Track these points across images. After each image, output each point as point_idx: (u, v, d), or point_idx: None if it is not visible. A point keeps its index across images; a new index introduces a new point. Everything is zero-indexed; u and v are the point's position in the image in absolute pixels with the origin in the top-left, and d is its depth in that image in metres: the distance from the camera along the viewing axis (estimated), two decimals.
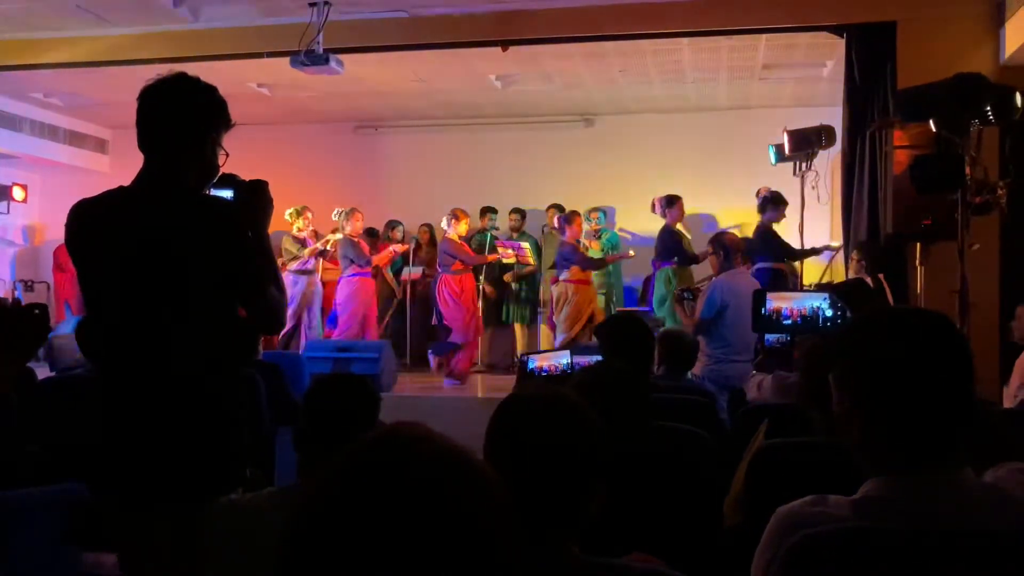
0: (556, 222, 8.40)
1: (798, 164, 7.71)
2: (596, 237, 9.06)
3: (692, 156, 9.76)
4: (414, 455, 0.82)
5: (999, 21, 5.96)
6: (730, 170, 9.47)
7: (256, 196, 2.26)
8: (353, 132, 10.84)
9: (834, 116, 6.88)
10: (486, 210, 9.58)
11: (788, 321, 4.25)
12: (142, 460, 2.07)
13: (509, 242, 8.90)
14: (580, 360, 4.10)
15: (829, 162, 7.95)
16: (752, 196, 8.28)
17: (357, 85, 8.74)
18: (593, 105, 9.95)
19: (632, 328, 3.49)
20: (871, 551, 1.31)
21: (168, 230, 2.07)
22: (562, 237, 8.08)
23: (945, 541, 1.30)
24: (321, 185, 10.13)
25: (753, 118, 9.52)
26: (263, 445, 3.96)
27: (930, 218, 5.12)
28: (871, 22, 6.19)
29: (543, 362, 4.45)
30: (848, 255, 6.33)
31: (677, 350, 4.34)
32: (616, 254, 8.72)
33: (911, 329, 1.42)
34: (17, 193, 10.73)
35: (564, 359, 4.38)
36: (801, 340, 4.19)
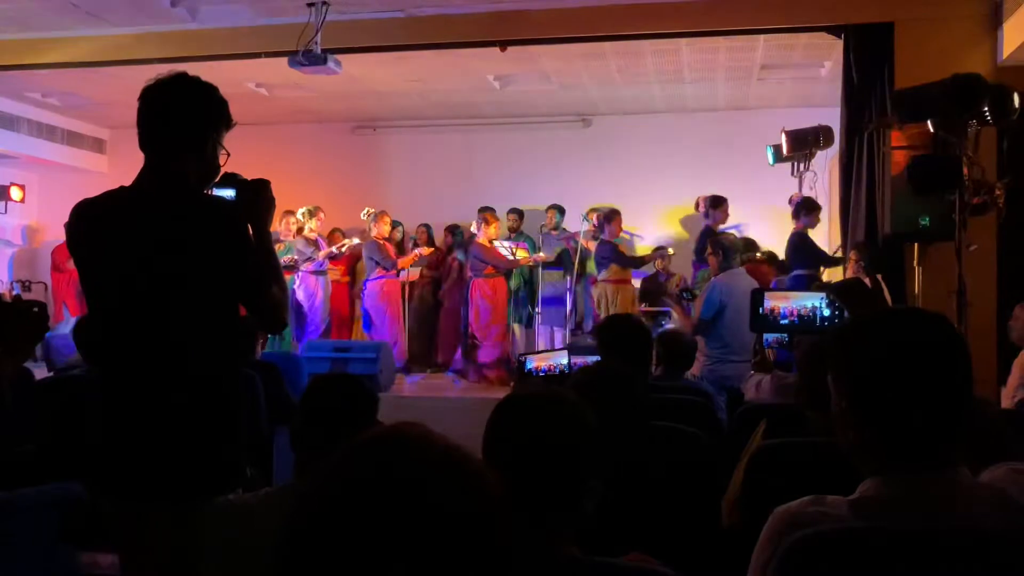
0: (595, 220, 8.26)
1: (796, 164, 7.73)
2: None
3: (690, 156, 9.76)
4: (412, 454, 0.82)
5: (997, 22, 5.96)
6: (728, 171, 9.46)
7: (258, 195, 2.25)
8: (351, 132, 10.83)
9: (832, 116, 6.89)
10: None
11: (786, 321, 4.25)
12: (141, 459, 2.07)
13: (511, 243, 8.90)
14: (578, 360, 4.10)
15: (827, 162, 7.96)
16: (751, 196, 8.29)
17: (355, 85, 8.73)
18: (591, 105, 9.95)
19: (630, 328, 3.49)
20: (868, 551, 1.31)
21: (170, 230, 2.07)
22: (602, 235, 7.95)
23: (942, 541, 1.30)
24: (319, 185, 10.13)
25: (751, 118, 9.53)
26: (261, 445, 3.96)
27: (928, 218, 5.13)
28: (869, 23, 6.19)
29: (541, 362, 4.45)
30: (846, 255, 6.34)
31: (675, 350, 4.35)
32: (658, 252, 8.51)
33: (909, 329, 1.42)
34: (15, 193, 10.73)
35: (562, 359, 4.39)
36: (799, 340, 4.19)
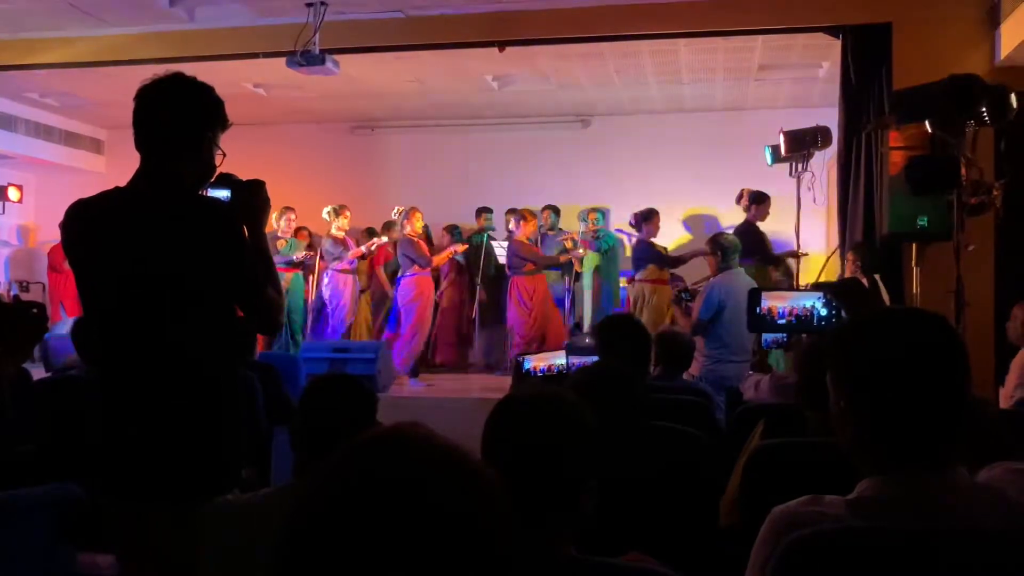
0: (632, 219, 8.16)
1: (794, 165, 7.71)
2: (594, 237, 9.07)
3: (688, 157, 9.77)
4: (411, 455, 0.82)
5: (994, 22, 5.97)
6: (726, 171, 9.47)
7: (253, 196, 2.25)
8: (349, 132, 10.83)
9: (830, 117, 6.89)
10: (482, 210, 9.58)
11: (783, 320, 4.26)
12: (139, 460, 2.07)
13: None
14: (576, 360, 4.10)
15: (825, 163, 7.94)
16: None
17: (353, 85, 8.73)
18: (589, 106, 9.95)
19: (629, 328, 3.49)
20: (866, 551, 1.31)
21: (165, 230, 2.06)
22: (638, 235, 7.86)
23: (940, 541, 1.31)
24: (317, 186, 10.12)
25: (749, 119, 9.54)
26: (259, 445, 3.95)
27: (926, 219, 5.13)
28: (867, 23, 6.20)
29: (539, 362, 4.45)
30: (844, 256, 6.35)
31: (674, 350, 4.34)
32: (692, 251, 8.23)
33: (908, 329, 1.42)
34: (12, 194, 10.72)
35: (560, 359, 4.39)
36: (797, 340, 4.19)
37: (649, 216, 7.70)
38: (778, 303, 4.31)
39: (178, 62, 6.35)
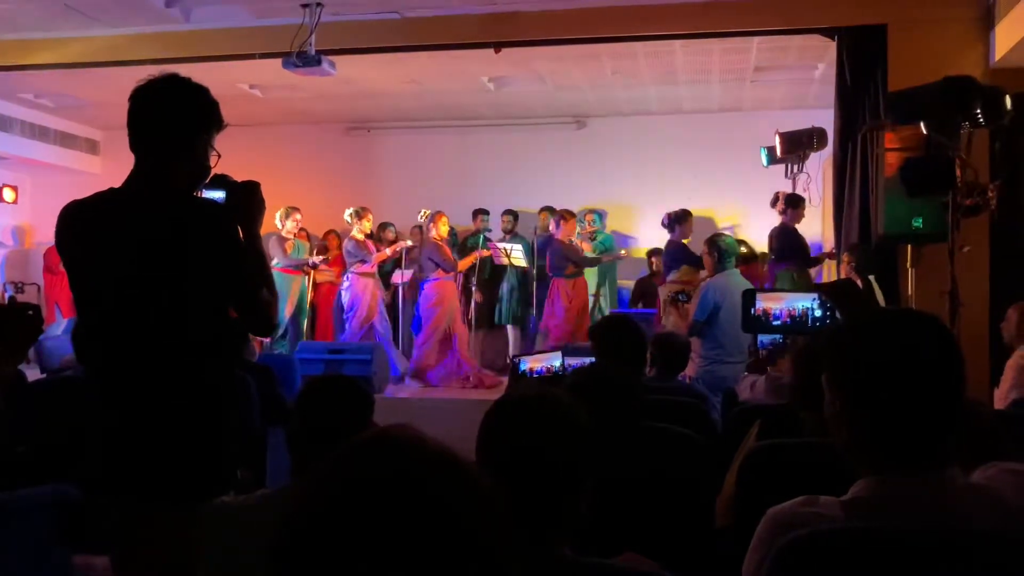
0: (665, 220, 8.08)
1: (790, 166, 7.74)
2: (591, 239, 9.07)
3: (684, 158, 9.78)
4: (405, 457, 0.82)
5: (989, 24, 5.98)
6: (723, 172, 9.49)
7: (248, 197, 2.24)
8: (345, 133, 10.83)
9: (826, 118, 6.91)
10: (478, 212, 9.58)
11: (778, 321, 4.27)
12: (134, 462, 2.06)
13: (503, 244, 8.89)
14: (572, 362, 4.11)
15: (821, 164, 7.97)
16: (747, 197, 8.28)
17: (349, 86, 8.73)
18: (586, 107, 9.96)
19: (625, 330, 3.49)
20: (861, 551, 1.31)
21: (159, 232, 2.06)
22: (671, 236, 7.83)
23: (935, 541, 1.31)
24: (313, 187, 10.12)
25: (745, 120, 9.55)
26: (255, 447, 3.95)
27: (921, 220, 5.15)
28: (862, 25, 6.21)
29: (535, 364, 4.46)
30: (840, 257, 6.36)
31: (669, 352, 4.35)
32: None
33: (903, 330, 1.43)
34: (7, 194, 10.70)
35: (556, 360, 4.39)
36: (793, 340, 4.20)
37: (683, 217, 7.52)
38: (773, 304, 4.32)
39: (174, 63, 6.34)
